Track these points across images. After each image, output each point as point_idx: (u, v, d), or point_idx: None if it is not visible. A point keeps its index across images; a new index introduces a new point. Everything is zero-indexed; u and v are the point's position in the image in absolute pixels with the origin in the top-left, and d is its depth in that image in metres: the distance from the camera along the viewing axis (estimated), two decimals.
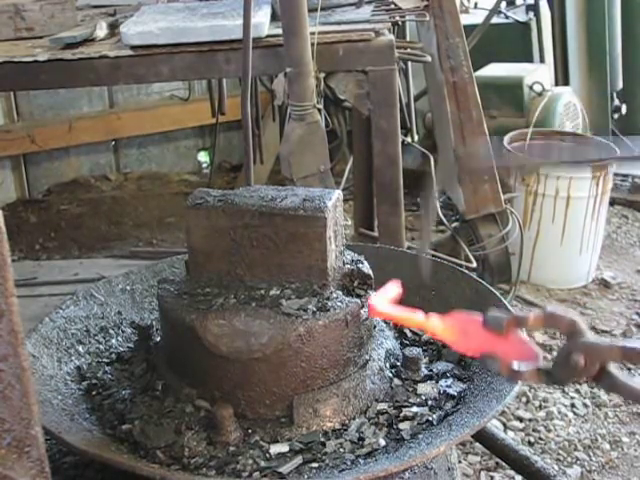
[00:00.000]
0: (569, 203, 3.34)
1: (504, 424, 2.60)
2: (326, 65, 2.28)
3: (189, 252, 1.28)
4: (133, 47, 2.27)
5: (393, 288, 1.20)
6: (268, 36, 2.28)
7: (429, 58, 2.64)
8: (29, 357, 1.27)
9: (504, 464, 1.87)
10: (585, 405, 2.72)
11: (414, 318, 1.14)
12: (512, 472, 2.27)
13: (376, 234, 3.09)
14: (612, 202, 3.99)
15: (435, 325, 1.12)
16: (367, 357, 1.27)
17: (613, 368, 1.03)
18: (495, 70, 4.15)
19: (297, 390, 1.18)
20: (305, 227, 1.20)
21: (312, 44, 2.17)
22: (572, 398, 2.75)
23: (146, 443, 1.14)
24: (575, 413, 2.68)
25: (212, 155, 4.58)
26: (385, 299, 1.18)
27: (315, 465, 1.12)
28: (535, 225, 3.39)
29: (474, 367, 1.34)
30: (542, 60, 4.62)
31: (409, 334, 1.45)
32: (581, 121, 4.07)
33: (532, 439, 2.55)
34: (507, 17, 4.70)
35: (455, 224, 3.22)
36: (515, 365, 1.04)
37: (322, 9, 2.41)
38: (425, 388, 1.28)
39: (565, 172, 3.32)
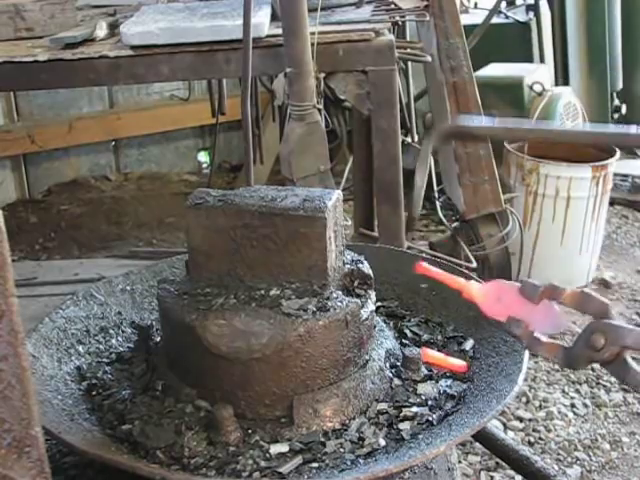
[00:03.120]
0: (569, 203, 3.34)
1: (504, 424, 2.60)
2: (326, 65, 2.28)
3: (189, 252, 1.28)
4: (133, 47, 2.27)
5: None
6: (268, 36, 2.28)
7: (429, 58, 2.64)
8: (29, 357, 1.27)
9: (504, 464, 1.87)
10: (585, 405, 2.72)
11: (456, 281, 1.22)
12: (512, 472, 2.27)
13: (376, 234, 3.09)
14: (612, 202, 3.99)
15: (472, 289, 1.19)
16: (367, 357, 1.27)
17: (629, 357, 1.04)
18: (495, 70, 4.15)
19: (297, 390, 1.18)
20: (305, 227, 1.20)
21: (312, 44, 2.17)
22: (572, 398, 2.75)
23: (146, 443, 1.14)
24: (575, 413, 2.68)
25: (212, 155, 4.58)
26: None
27: (315, 465, 1.12)
28: (535, 225, 3.40)
29: (474, 367, 1.34)
30: (542, 60, 4.61)
31: (409, 334, 1.45)
32: (581, 121, 4.06)
33: (532, 439, 2.55)
34: (507, 17, 4.70)
35: (455, 224, 3.22)
36: (537, 334, 1.10)
37: (322, 9, 2.41)
38: (425, 388, 1.27)
39: (565, 172, 3.33)
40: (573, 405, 2.72)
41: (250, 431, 1.17)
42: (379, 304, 1.48)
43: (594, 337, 1.03)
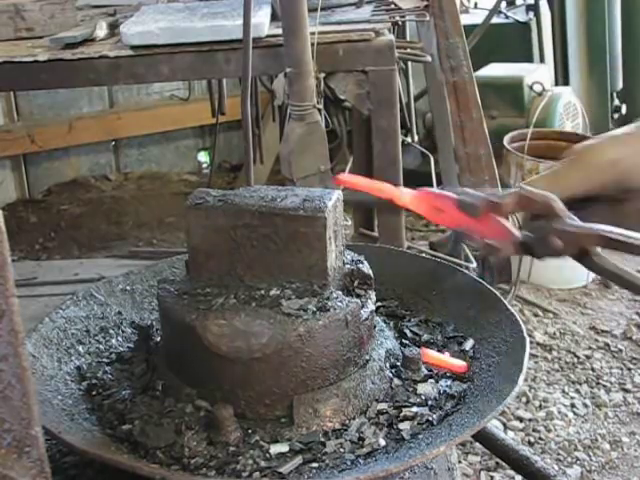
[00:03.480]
0: None
1: (504, 424, 2.60)
2: (326, 65, 2.28)
3: (189, 252, 1.28)
4: (133, 47, 2.27)
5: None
6: (268, 36, 2.28)
7: (429, 58, 2.65)
8: (29, 357, 1.27)
9: (504, 464, 1.87)
10: (585, 405, 2.72)
11: (383, 188, 1.17)
12: (512, 472, 2.27)
13: (376, 234, 3.09)
14: None
15: (406, 197, 1.15)
16: (367, 357, 1.27)
17: (594, 251, 1.03)
18: (495, 70, 4.15)
19: (297, 390, 1.18)
20: (305, 227, 1.20)
21: (312, 44, 2.17)
22: (572, 398, 2.75)
23: (146, 443, 1.14)
24: (575, 413, 2.68)
25: (212, 155, 4.58)
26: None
27: (315, 465, 1.12)
28: None
29: (474, 367, 1.34)
30: (542, 60, 4.62)
31: (409, 334, 1.45)
32: (581, 121, 4.07)
33: (532, 439, 2.55)
34: (507, 17, 4.71)
35: None
36: (491, 241, 1.06)
37: (322, 9, 2.41)
38: (425, 388, 1.27)
39: None
40: (573, 405, 2.72)
41: (250, 431, 1.17)
42: (379, 304, 1.47)
43: (551, 241, 1.02)
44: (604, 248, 1.04)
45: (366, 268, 1.31)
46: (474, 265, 3.03)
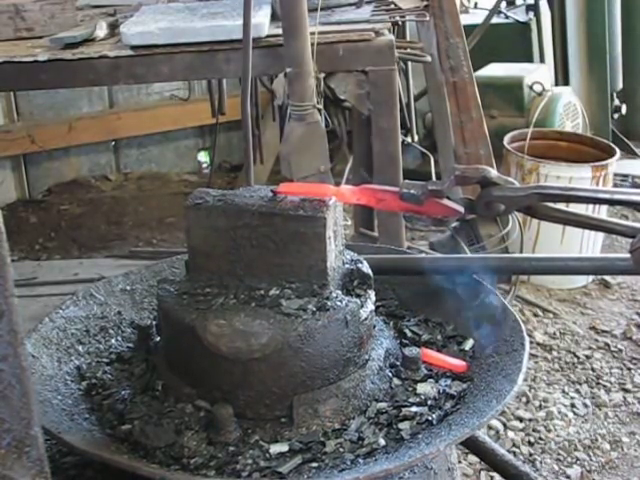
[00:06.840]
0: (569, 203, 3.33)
1: (504, 424, 2.60)
2: (326, 65, 2.28)
3: (189, 252, 1.28)
4: (133, 47, 2.27)
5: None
6: (268, 36, 2.28)
7: (429, 58, 2.64)
8: (29, 357, 1.27)
9: None
10: (585, 405, 2.72)
11: (324, 189, 1.23)
12: None
13: (376, 234, 3.09)
14: None
15: (346, 193, 1.23)
16: (367, 357, 1.27)
17: (540, 204, 1.19)
18: (495, 70, 4.16)
19: (297, 390, 1.18)
20: (305, 227, 1.20)
21: (312, 44, 2.17)
22: (572, 398, 2.75)
23: (146, 443, 1.14)
24: (575, 413, 2.68)
25: (212, 155, 4.58)
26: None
27: (315, 465, 1.12)
28: (535, 225, 3.40)
29: (474, 367, 1.34)
30: (542, 60, 4.62)
31: (409, 334, 1.45)
32: (581, 121, 4.07)
33: (532, 439, 2.55)
34: (507, 17, 4.71)
35: (455, 224, 3.22)
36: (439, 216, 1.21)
37: (322, 9, 2.41)
38: (425, 388, 1.27)
39: (565, 172, 3.33)
40: (573, 405, 2.72)
41: (250, 431, 1.17)
42: (379, 304, 1.48)
43: (495, 207, 1.18)
44: (543, 202, 1.19)
45: (366, 268, 1.31)
46: None
